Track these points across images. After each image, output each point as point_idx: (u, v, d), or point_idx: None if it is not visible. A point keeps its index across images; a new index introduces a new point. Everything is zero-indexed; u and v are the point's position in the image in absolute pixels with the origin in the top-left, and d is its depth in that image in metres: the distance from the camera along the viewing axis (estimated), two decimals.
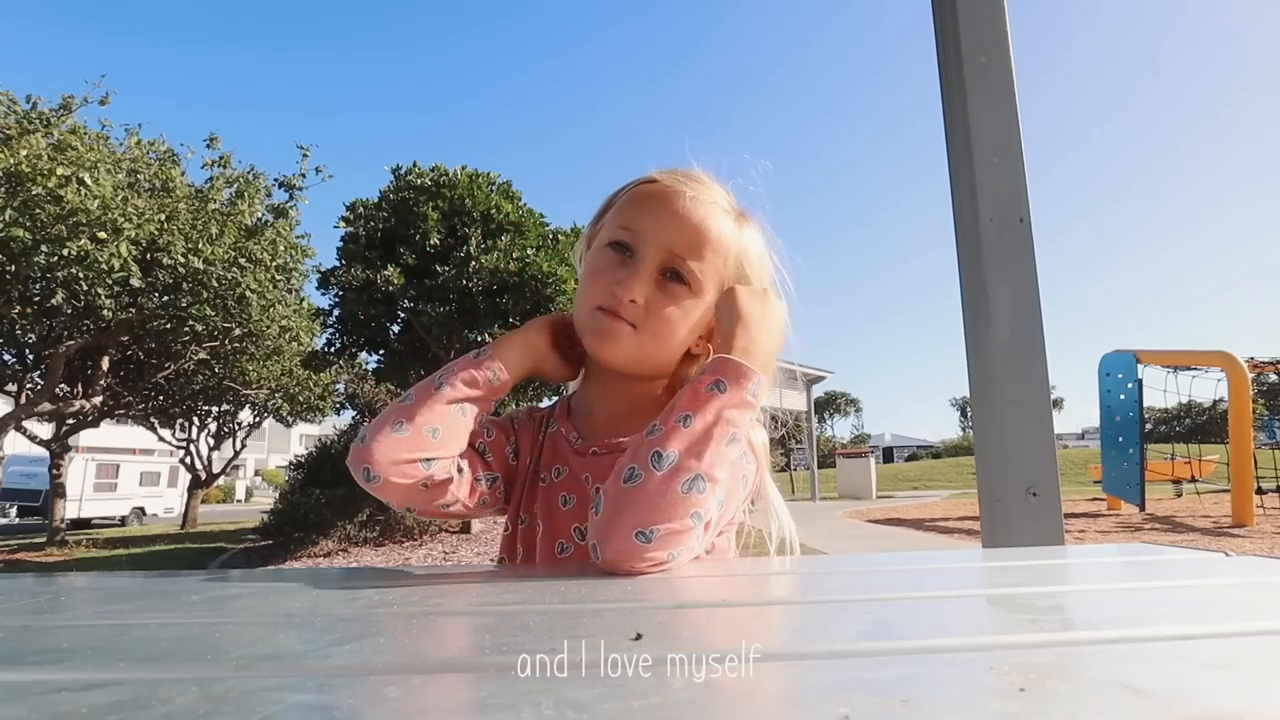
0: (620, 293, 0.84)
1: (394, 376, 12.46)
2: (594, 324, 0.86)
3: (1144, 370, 11.13)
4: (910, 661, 0.36)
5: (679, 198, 0.86)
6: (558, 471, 0.91)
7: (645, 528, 0.64)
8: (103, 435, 24.26)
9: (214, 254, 10.52)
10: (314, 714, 0.28)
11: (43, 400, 11.98)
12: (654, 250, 0.85)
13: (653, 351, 0.87)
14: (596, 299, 0.86)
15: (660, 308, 0.85)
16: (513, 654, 0.37)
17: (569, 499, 0.89)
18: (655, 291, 0.85)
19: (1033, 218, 1.36)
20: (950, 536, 10.49)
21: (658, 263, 0.85)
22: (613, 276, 0.85)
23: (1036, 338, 1.32)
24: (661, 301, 0.85)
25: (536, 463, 0.94)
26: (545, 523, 0.89)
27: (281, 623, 0.48)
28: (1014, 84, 1.40)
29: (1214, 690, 0.29)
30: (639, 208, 0.88)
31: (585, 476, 0.89)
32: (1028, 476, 1.29)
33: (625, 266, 0.85)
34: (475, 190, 11.54)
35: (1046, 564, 0.74)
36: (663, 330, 0.85)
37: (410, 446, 0.77)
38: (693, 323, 0.87)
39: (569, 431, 0.93)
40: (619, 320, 0.84)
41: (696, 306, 0.86)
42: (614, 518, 0.65)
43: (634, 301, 0.84)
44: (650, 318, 0.85)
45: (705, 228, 0.85)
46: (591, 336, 0.86)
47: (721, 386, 0.72)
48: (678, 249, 0.85)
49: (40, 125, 9.64)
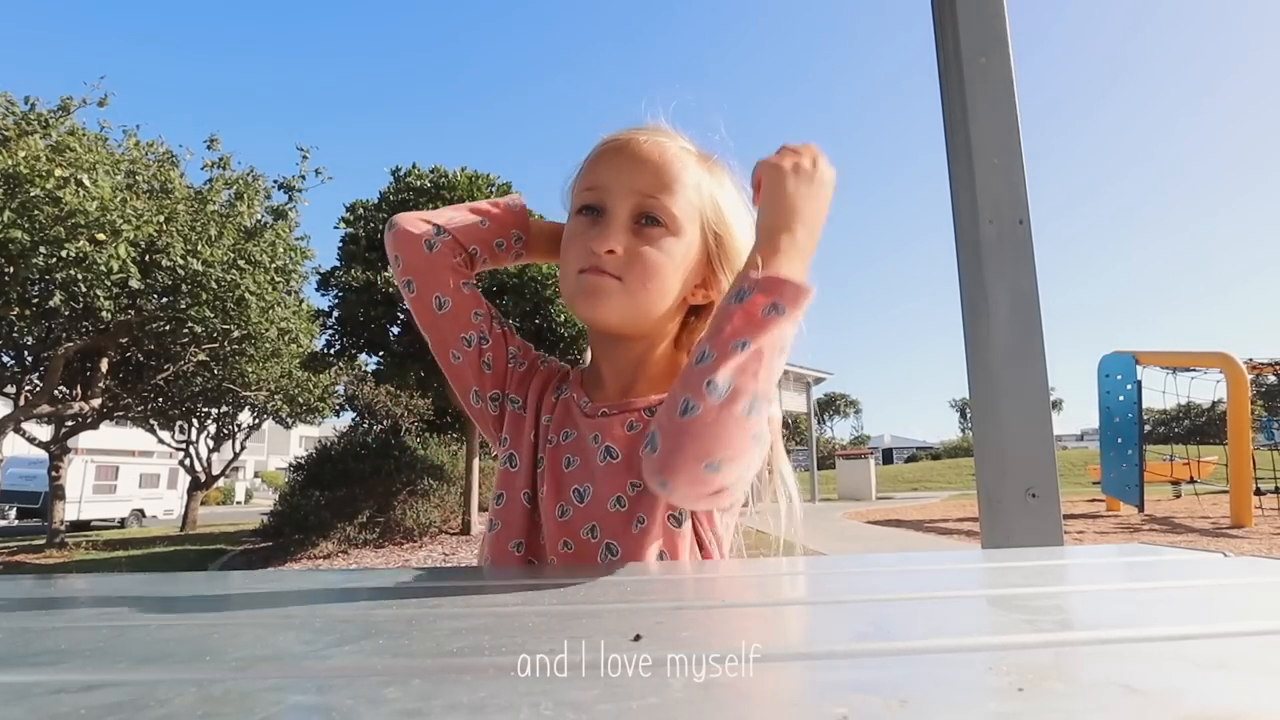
0: (596, 247, 0.82)
1: (394, 378, 12.45)
2: (578, 286, 0.84)
3: (1143, 371, 11.15)
4: (909, 662, 0.36)
5: (636, 143, 0.85)
6: (566, 434, 0.90)
7: (712, 459, 0.65)
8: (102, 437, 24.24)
9: (213, 255, 10.52)
10: (313, 715, 0.28)
11: (42, 402, 11.98)
12: (622, 199, 0.83)
13: (643, 302, 0.84)
14: (576, 263, 0.84)
15: (640, 253, 0.83)
16: (512, 655, 0.37)
17: (573, 460, 0.88)
18: (632, 239, 0.83)
19: (1032, 220, 1.36)
20: (950, 537, 10.49)
21: (629, 210, 0.83)
22: (587, 237, 0.84)
23: (1036, 339, 1.32)
24: (640, 247, 0.83)
25: (547, 423, 0.92)
26: (549, 485, 0.88)
27: (281, 624, 0.48)
28: (1014, 86, 1.40)
29: (1212, 690, 0.30)
30: (600, 164, 0.87)
31: (594, 435, 0.87)
32: (1027, 477, 1.29)
33: (598, 224, 0.84)
34: (475, 192, 11.54)
35: (1045, 564, 0.74)
36: (649, 276, 0.83)
37: (427, 214, 0.95)
38: (678, 264, 0.85)
39: (580, 397, 0.92)
40: (602, 275, 0.82)
41: (678, 245, 0.84)
42: (676, 452, 0.65)
43: (612, 252, 0.82)
44: (632, 266, 0.82)
45: (668, 162, 0.84)
46: (579, 300, 0.85)
47: (780, 310, 0.68)
48: (646, 189, 0.83)
49: (39, 126, 9.64)
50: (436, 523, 12.29)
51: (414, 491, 12.47)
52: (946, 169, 1.43)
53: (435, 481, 12.79)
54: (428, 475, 12.83)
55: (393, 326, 11.93)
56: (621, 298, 0.83)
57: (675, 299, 0.87)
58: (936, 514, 14.37)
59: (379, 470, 12.42)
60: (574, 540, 0.84)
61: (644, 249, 0.83)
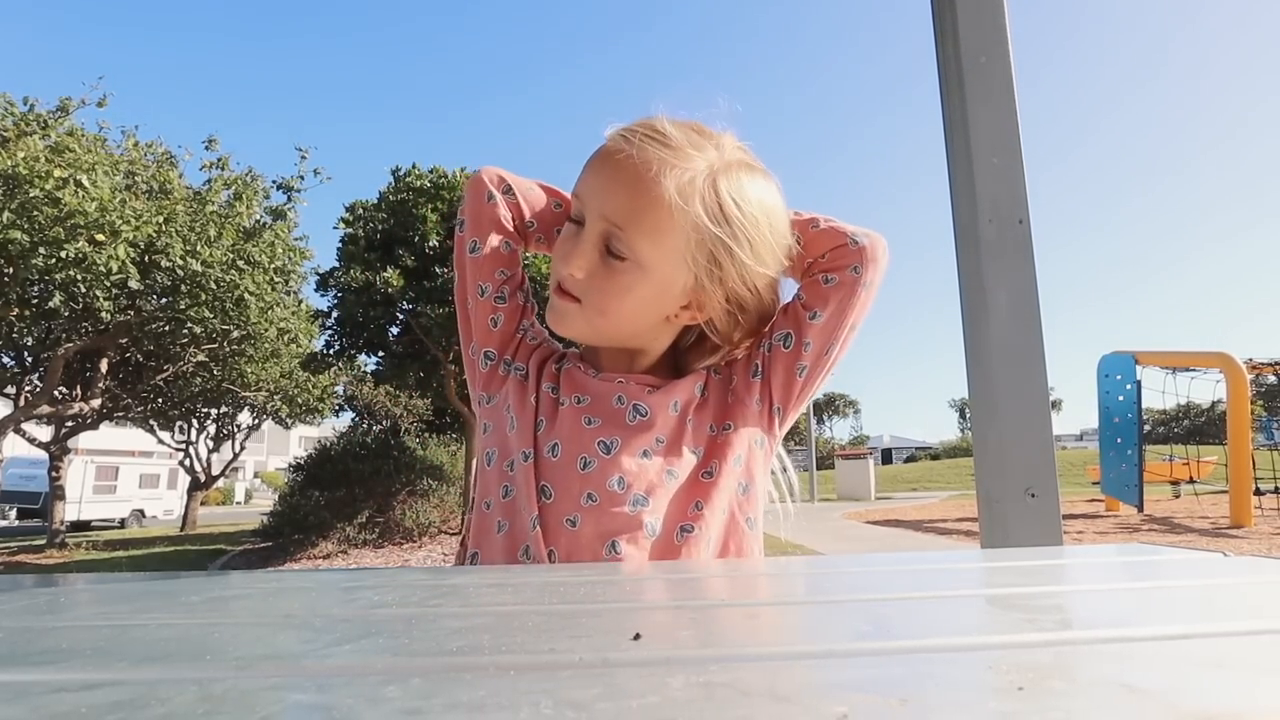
0: (561, 266, 0.82)
1: (393, 378, 12.45)
2: (549, 302, 0.86)
3: (1143, 371, 11.15)
4: (908, 661, 0.36)
5: (620, 156, 0.77)
6: (579, 399, 0.87)
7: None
8: (102, 437, 24.23)
9: (212, 256, 10.52)
10: (313, 714, 0.28)
11: (41, 403, 11.97)
12: (594, 219, 0.80)
13: (602, 326, 0.84)
14: (554, 274, 0.85)
15: (600, 283, 0.80)
16: (511, 654, 0.37)
17: (593, 419, 0.85)
18: (598, 264, 0.80)
19: (1032, 219, 1.36)
20: (949, 538, 10.49)
21: (598, 233, 0.79)
22: (563, 250, 0.83)
23: (1035, 339, 1.32)
24: (601, 277, 0.80)
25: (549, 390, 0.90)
26: (566, 441, 0.84)
27: (281, 623, 0.48)
28: (1014, 85, 1.40)
29: (1212, 689, 0.30)
30: (587, 171, 0.82)
31: (617, 397, 0.86)
32: (1026, 477, 1.29)
33: (574, 239, 0.81)
34: None
35: (1045, 564, 0.74)
36: (607, 306, 0.81)
37: (509, 175, 0.97)
38: (643, 299, 0.81)
39: (586, 368, 0.90)
40: (564, 298, 0.82)
41: (643, 282, 0.79)
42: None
43: (574, 276, 0.80)
44: (591, 293, 0.81)
45: (645, 187, 0.75)
46: (548, 317, 0.86)
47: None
48: (615, 219, 0.78)
49: (37, 127, 9.64)
50: (436, 523, 12.29)
51: (413, 491, 12.48)
52: (946, 168, 1.43)
53: (434, 482, 12.80)
54: (427, 475, 12.84)
55: (392, 327, 11.93)
56: (579, 321, 0.83)
57: (646, 322, 0.86)
58: (936, 514, 14.37)
59: (378, 470, 12.43)
60: (599, 492, 0.81)
61: (604, 282, 0.80)
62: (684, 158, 0.77)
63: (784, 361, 0.88)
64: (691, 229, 0.77)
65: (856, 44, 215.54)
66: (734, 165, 0.81)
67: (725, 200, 0.78)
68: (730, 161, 0.80)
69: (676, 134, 0.78)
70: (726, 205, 0.78)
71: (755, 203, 0.81)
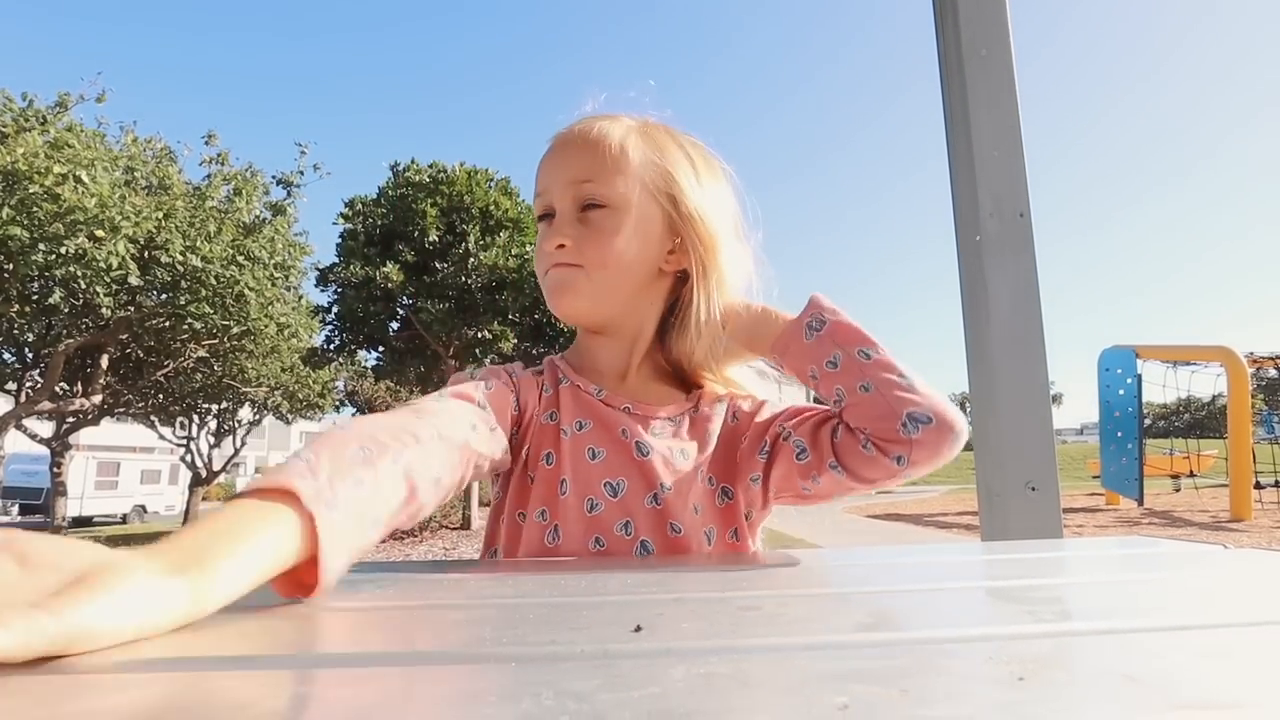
0: (547, 246, 0.84)
1: (393, 373, 12.47)
2: (547, 285, 0.86)
3: (1143, 365, 11.14)
4: (909, 652, 0.36)
5: (567, 135, 0.88)
6: (580, 424, 0.86)
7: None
8: (103, 433, 24.26)
9: (212, 252, 10.52)
10: (314, 706, 0.28)
11: (43, 399, 11.98)
12: (563, 194, 0.85)
13: (607, 281, 0.85)
14: (542, 266, 0.86)
15: (590, 236, 0.84)
16: (513, 645, 0.37)
17: (598, 452, 0.84)
18: (580, 228, 0.84)
19: (1033, 212, 1.36)
20: (949, 531, 10.51)
21: (570, 202, 0.85)
22: (543, 241, 0.86)
23: (1036, 333, 1.32)
24: (589, 232, 0.84)
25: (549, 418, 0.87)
26: (573, 479, 0.83)
27: (282, 617, 0.48)
28: (1014, 78, 1.40)
29: (1212, 680, 0.30)
30: (541, 168, 0.89)
31: (622, 429, 0.85)
32: (1027, 471, 1.29)
33: (550, 226, 0.86)
34: (474, 187, 11.53)
35: (1045, 556, 0.74)
36: (604, 254, 0.84)
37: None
38: (633, 236, 0.85)
39: (588, 385, 0.89)
40: (560, 267, 0.84)
41: (627, 220, 0.84)
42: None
43: (563, 246, 0.84)
44: (585, 250, 0.84)
45: (597, 143, 0.85)
46: (551, 300, 0.87)
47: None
48: (580, 176, 0.85)
49: (36, 123, 9.63)
50: (436, 517, 12.31)
51: None
52: (947, 161, 1.42)
53: None
54: None
55: (392, 322, 11.94)
56: (585, 285, 0.84)
57: (643, 272, 0.87)
58: (936, 508, 14.39)
59: None
60: (606, 537, 0.81)
61: (594, 232, 0.84)
62: (616, 118, 0.90)
63: (790, 471, 0.84)
64: (641, 164, 0.86)
65: (857, 37, 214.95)
66: (656, 121, 0.93)
67: (658, 135, 0.90)
68: (653, 120, 0.93)
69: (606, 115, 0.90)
70: (660, 138, 0.90)
71: (682, 136, 0.93)
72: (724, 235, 0.90)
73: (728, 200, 0.93)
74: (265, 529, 0.46)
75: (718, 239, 0.88)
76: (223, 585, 0.42)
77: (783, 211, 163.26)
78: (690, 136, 0.94)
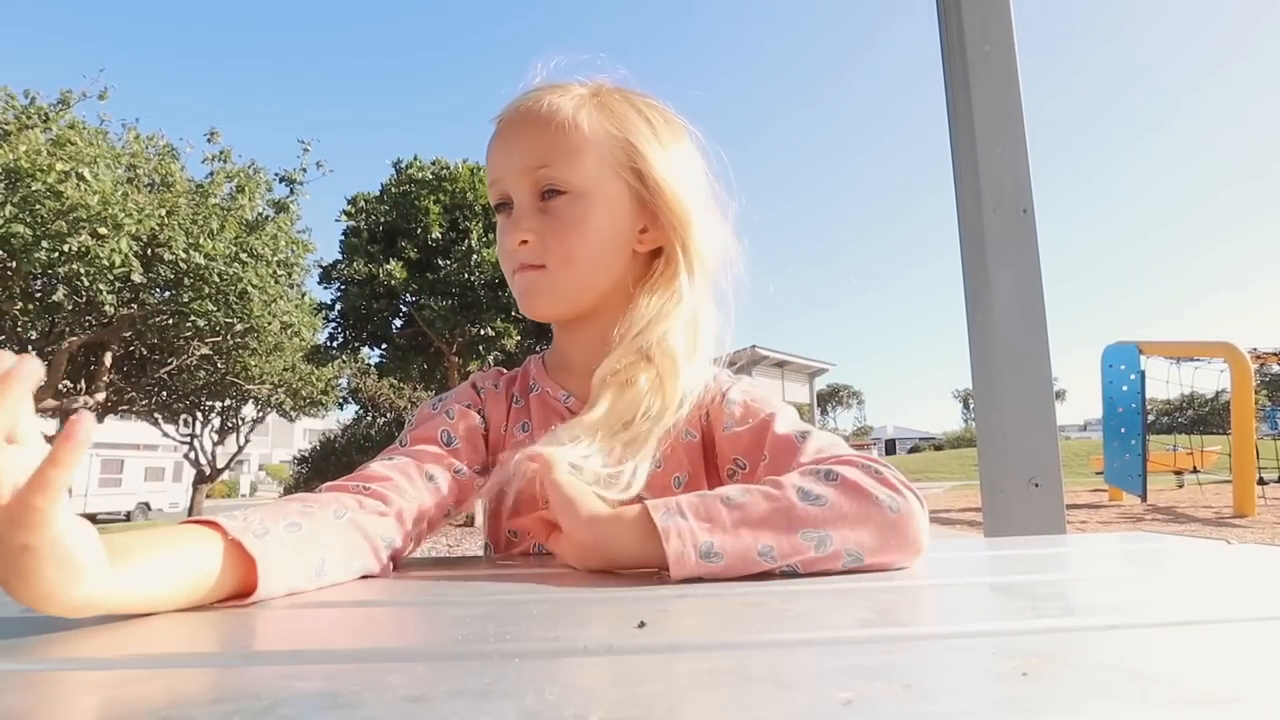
0: (508, 244, 0.78)
1: (396, 371, 12.47)
2: (516, 290, 0.81)
3: (1147, 361, 11.11)
4: (913, 647, 0.36)
5: (514, 116, 0.80)
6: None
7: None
8: (107, 431, 24.26)
9: (215, 249, 10.53)
10: (319, 701, 0.28)
11: (46, 396, 12.00)
12: (518, 182, 0.78)
13: (573, 279, 0.79)
14: (508, 265, 0.81)
15: (553, 229, 0.77)
16: (516, 641, 0.37)
17: None
18: (542, 218, 0.77)
19: (1036, 208, 1.36)
20: (953, 528, 10.50)
21: (528, 191, 0.78)
22: (504, 237, 0.80)
23: (1039, 329, 1.32)
24: (551, 224, 0.77)
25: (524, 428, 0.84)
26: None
27: (287, 613, 0.48)
28: (1018, 74, 1.40)
29: (1215, 675, 0.30)
30: (491, 154, 0.81)
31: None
32: (1030, 467, 1.29)
33: (509, 219, 0.79)
34: (477, 183, 11.52)
35: (1048, 552, 0.74)
36: (569, 248, 0.77)
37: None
38: (599, 225, 0.78)
39: (556, 391, 0.85)
40: (525, 270, 0.78)
41: (592, 206, 0.78)
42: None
43: (525, 243, 0.77)
44: (549, 244, 0.77)
45: (549, 121, 0.77)
46: (522, 304, 0.81)
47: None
48: (536, 161, 0.77)
49: (39, 121, 9.64)
50: None
51: None
52: (950, 157, 1.42)
53: None
54: None
55: (395, 319, 11.94)
56: (550, 286, 0.79)
57: (615, 257, 0.81)
58: (939, 504, 14.38)
59: None
60: None
61: (556, 224, 0.77)
62: (566, 89, 0.81)
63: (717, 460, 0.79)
64: (599, 138, 0.79)
65: (860, 32, 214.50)
66: (609, 85, 0.85)
67: (613, 102, 0.82)
68: (606, 84, 0.85)
69: (552, 86, 0.82)
70: (616, 104, 0.82)
71: (639, 99, 0.84)
72: (696, 206, 0.82)
73: (696, 165, 0.86)
74: (188, 541, 0.49)
75: (690, 211, 0.81)
76: (139, 575, 0.44)
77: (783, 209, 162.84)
78: (647, 98, 0.86)
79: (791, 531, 0.57)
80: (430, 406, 0.85)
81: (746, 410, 0.78)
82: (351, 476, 0.69)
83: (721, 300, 0.85)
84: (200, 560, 0.48)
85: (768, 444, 0.73)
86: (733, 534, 0.56)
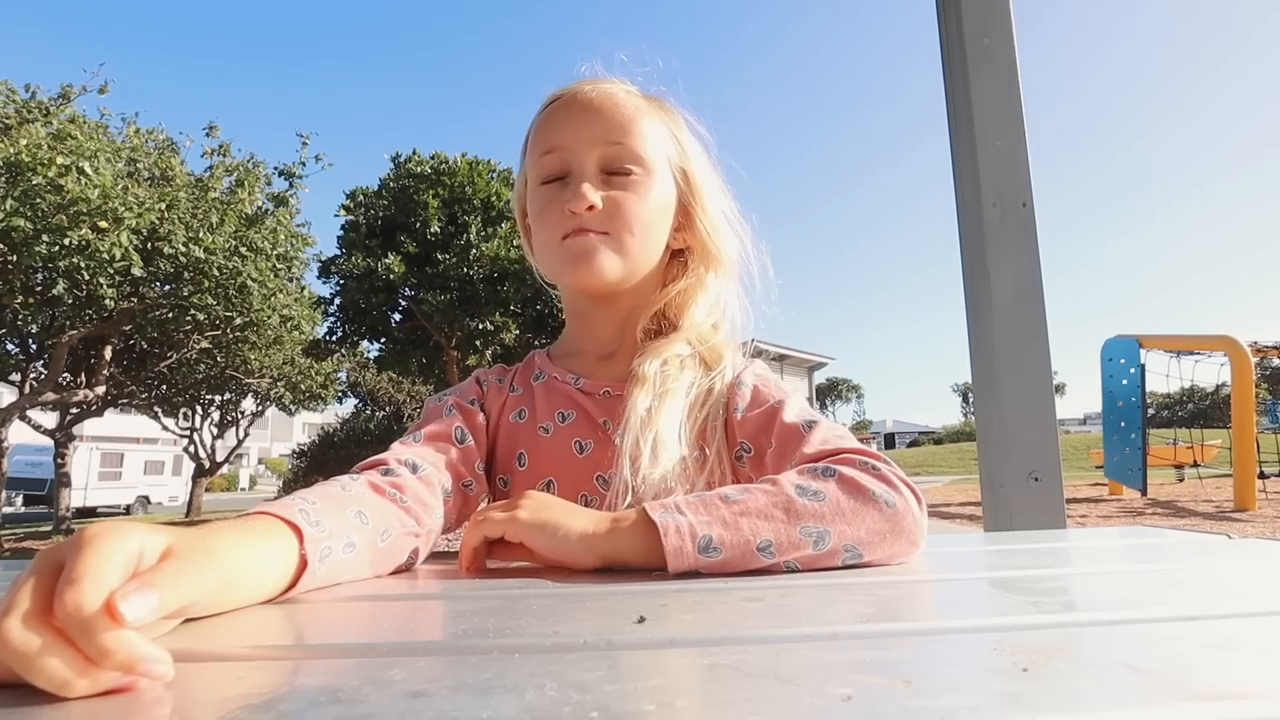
0: (575, 207, 0.78)
1: (395, 365, 12.47)
2: (567, 253, 0.80)
3: (1147, 355, 11.11)
4: (913, 643, 0.36)
5: (584, 94, 0.82)
6: (563, 416, 0.84)
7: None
8: (107, 424, 24.29)
9: (214, 243, 10.51)
10: (320, 696, 0.28)
11: (46, 390, 12.01)
12: (585, 153, 0.80)
13: (633, 251, 0.81)
14: (556, 231, 0.80)
15: (620, 202, 0.79)
16: (516, 636, 0.37)
17: (585, 445, 0.81)
18: (608, 190, 0.80)
19: (1035, 202, 1.36)
20: (952, 522, 10.51)
21: (595, 163, 0.80)
22: (560, 201, 0.80)
23: (1039, 323, 1.32)
24: (618, 195, 0.79)
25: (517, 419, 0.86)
26: (560, 476, 0.81)
27: (288, 608, 0.48)
28: (1017, 68, 1.39)
29: (1216, 670, 0.30)
30: (551, 124, 0.83)
31: (604, 421, 0.81)
32: (1030, 461, 1.29)
33: (568, 188, 0.80)
34: (476, 178, 11.51)
35: (1048, 547, 0.74)
36: (633, 222, 0.80)
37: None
38: (658, 206, 0.82)
39: (564, 375, 0.86)
40: (587, 234, 0.79)
41: (654, 188, 0.82)
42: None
43: (592, 209, 0.78)
44: (615, 218, 0.79)
45: (622, 106, 0.82)
46: (569, 268, 0.81)
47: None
48: (608, 138, 0.80)
49: (39, 114, 9.61)
50: None
51: None
52: (949, 152, 1.42)
53: None
54: None
55: (394, 313, 11.94)
56: (613, 254, 0.80)
57: (659, 244, 0.85)
58: (939, 499, 14.39)
59: None
60: None
61: (622, 198, 0.79)
62: (627, 84, 0.87)
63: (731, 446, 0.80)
64: (662, 132, 0.85)
65: (858, 24, 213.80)
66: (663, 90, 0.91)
67: (670, 104, 0.89)
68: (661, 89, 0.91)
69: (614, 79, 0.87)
70: (672, 108, 0.89)
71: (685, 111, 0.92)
72: (724, 219, 0.88)
73: (720, 181, 0.92)
74: (278, 563, 0.50)
75: (719, 222, 0.87)
76: (231, 604, 0.46)
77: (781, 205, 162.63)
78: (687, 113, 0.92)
79: (790, 525, 0.57)
80: (437, 400, 0.87)
81: (757, 395, 0.80)
82: (390, 478, 0.70)
83: (741, 297, 0.91)
84: (277, 581, 0.49)
85: (775, 431, 0.75)
86: (732, 528, 0.57)
